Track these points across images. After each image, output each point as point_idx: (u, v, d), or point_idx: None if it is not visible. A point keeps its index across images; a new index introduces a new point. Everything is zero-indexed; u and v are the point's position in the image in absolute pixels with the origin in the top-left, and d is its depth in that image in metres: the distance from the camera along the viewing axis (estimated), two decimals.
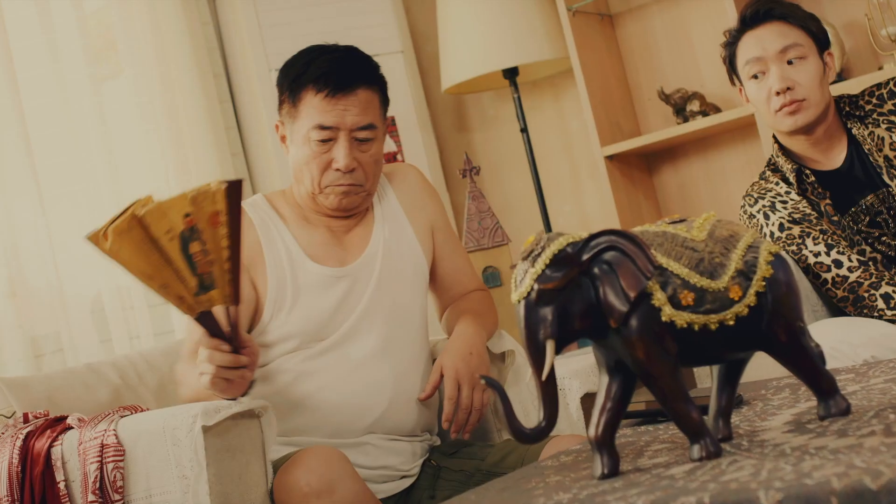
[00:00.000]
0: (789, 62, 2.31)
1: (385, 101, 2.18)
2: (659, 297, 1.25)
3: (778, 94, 2.31)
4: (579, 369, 2.71)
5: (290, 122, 2.13)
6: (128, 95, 3.36)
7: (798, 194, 2.35)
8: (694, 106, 3.47)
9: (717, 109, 3.45)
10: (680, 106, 3.49)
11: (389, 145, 3.70)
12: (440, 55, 3.67)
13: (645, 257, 1.25)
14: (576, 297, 1.25)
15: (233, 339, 1.76)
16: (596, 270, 1.25)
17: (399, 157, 3.70)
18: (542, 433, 1.26)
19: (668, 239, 1.29)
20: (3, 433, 2.00)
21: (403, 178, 2.28)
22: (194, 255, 1.62)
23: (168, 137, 3.35)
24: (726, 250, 1.29)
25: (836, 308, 2.33)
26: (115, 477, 1.82)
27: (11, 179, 3.00)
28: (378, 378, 2.09)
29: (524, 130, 3.63)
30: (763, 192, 2.40)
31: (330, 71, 2.09)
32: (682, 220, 1.33)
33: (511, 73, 3.60)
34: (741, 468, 1.15)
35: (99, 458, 1.83)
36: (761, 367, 1.88)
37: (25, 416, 2.03)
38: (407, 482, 2.11)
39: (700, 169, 3.63)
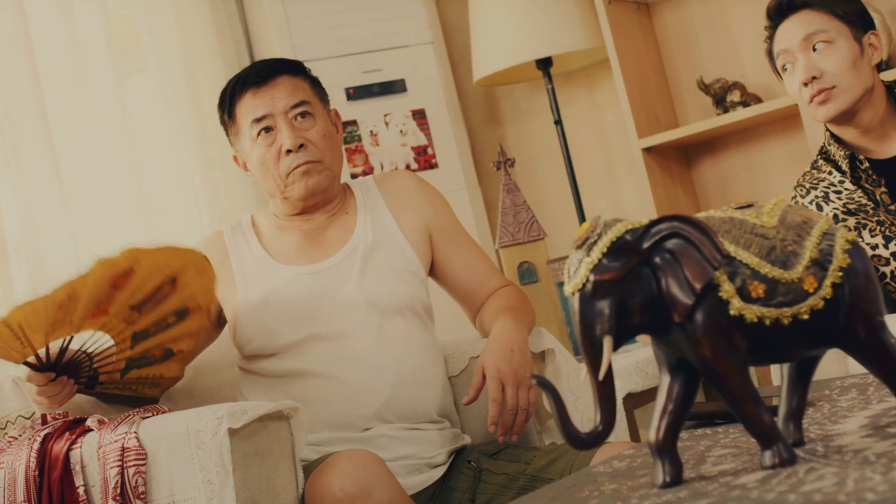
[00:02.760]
0: (815, 49, 2.20)
1: (317, 90, 2.23)
2: (727, 289, 1.14)
3: (805, 84, 2.20)
4: (621, 368, 2.59)
5: (236, 139, 2.22)
6: (151, 89, 3.29)
7: (852, 183, 2.23)
8: (734, 96, 3.35)
9: (759, 100, 3.34)
10: (720, 96, 3.37)
11: (420, 139, 3.60)
12: (472, 45, 3.57)
13: (712, 245, 1.14)
14: (635, 289, 1.14)
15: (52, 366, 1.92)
16: (657, 260, 1.14)
17: (430, 150, 3.61)
18: (598, 438, 1.15)
19: (735, 225, 1.18)
20: (20, 435, 1.91)
21: (392, 182, 2.28)
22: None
23: (192, 131, 3.28)
24: (799, 238, 1.18)
25: (894, 304, 2.21)
26: (136, 482, 1.73)
27: (32, 175, 2.92)
28: (378, 365, 2.05)
29: (558, 123, 3.53)
30: (815, 181, 2.29)
31: (249, 71, 2.20)
32: (749, 205, 1.22)
33: (545, 64, 3.50)
34: (822, 477, 1.04)
35: (120, 462, 1.73)
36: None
37: (44, 417, 1.94)
38: (437, 473, 2.03)
39: (741, 161, 3.51)
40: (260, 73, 2.17)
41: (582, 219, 3.49)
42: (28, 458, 1.81)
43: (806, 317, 1.15)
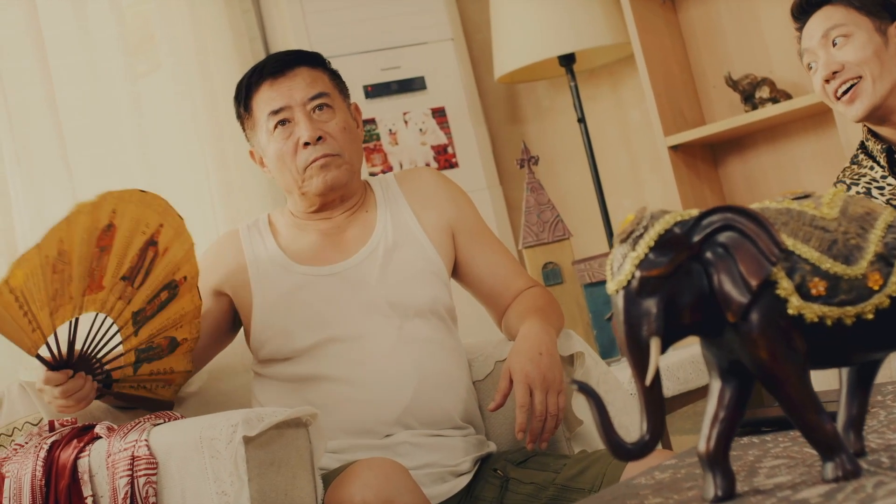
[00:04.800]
0: (834, 44, 2.11)
1: (337, 82, 2.15)
2: (785, 287, 1.04)
3: (827, 80, 2.11)
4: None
5: (252, 133, 2.13)
6: (165, 86, 3.22)
7: (893, 177, 2.14)
8: (763, 92, 3.26)
9: (789, 96, 3.24)
10: (748, 93, 3.28)
11: (440, 137, 3.52)
12: (493, 42, 3.49)
13: (769, 238, 1.04)
14: (685, 286, 1.04)
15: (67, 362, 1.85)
16: (709, 255, 1.05)
17: (450, 149, 3.52)
18: (645, 448, 1.06)
19: (793, 217, 1.09)
20: (27, 442, 1.84)
21: (414, 179, 2.19)
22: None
23: (207, 129, 3.21)
24: (863, 230, 1.08)
25: None
26: (147, 492, 1.64)
27: (43, 173, 2.86)
28: (399, 369, 1.96)
29: (581, 121, 3.44)
30: (857, 177, 2.19)
31: (266, 62, 2.12)
32: (806, 196, 1.13)
33: (568, 61, 3.41)
34: (894, 493, 0.95)
35: (129, 472, 1.65)
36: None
37: (51, 423, 1.86)
38: (462, 482, 1.94)
39: (769, 160, 3.41)
40: (277, 64, 2.09)
41: (606, 219, 3.40)
42: (34, 467, 1.74)
43: (870, 316, 1.06)
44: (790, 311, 1.04)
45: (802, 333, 1.05)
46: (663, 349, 1.05)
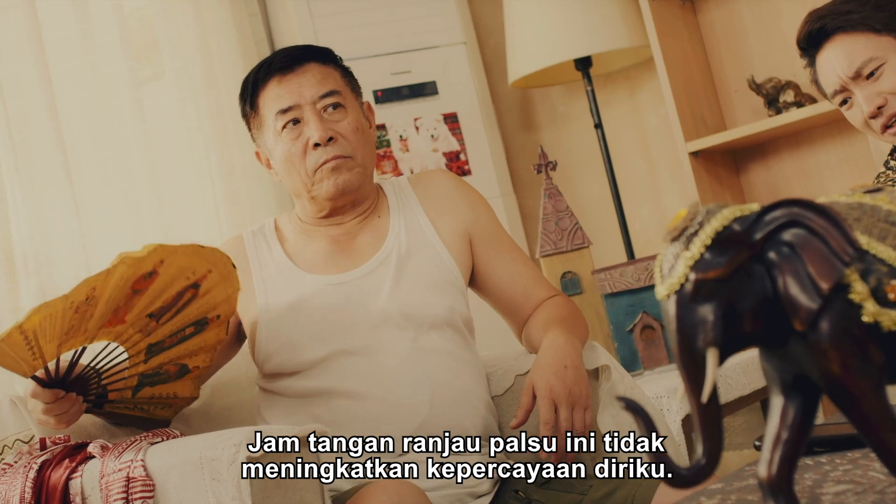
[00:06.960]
0: (869, 77, 1.98)
1: (349, 80, 2.04)
2: (859, 291, 0.92)
3: (874, 116, 1.98)
4: (678, 386, 2.38)
5: (259, 133, 2.04)
6: (169, 91, 3.13)
7: None
8: (788, 96, 3.15)
9: (813, 100, 3.13)
10: (772, 96, 3.17)
11: (452, 144, 3.41)
12: (506, 45, 3.39)
13: (841, 236, 0.92)
14: (745, 290, 0.92)
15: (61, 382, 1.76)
16: (773, 255, 0.93)
17: (462, 156, 3.41)
18: (701, 473, 0.93)
19: (866, 212, 0.97)
20: (16, 462, 1.72)
21: (428, 183, 2.09)
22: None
23: (212, 135, 3.12)
24: None
25: None
26: None
27: (43, 180, 2.76)
28: (413, 384, 1.85)
29: (598, 126, 3.33)
30: (891, 182, 2.09)
31: (275, 57, 2.02)
32: (878, 190, 1.01)
33: (584, 64, 3.31)
34: None
35: (124, 494, 1.55)
36: None
37: (42, 441, 1.75)
38: (483, 502, 1.82)
39: (793, 166, 3.30)
40: (286, 60, 1.98)
41: (624, 227, 3.29)
42: (23, 488, 1.63)
43: None
44: (865, 319, 0.92)
45: (879, 343, 0.93)
46: (721, 361, 0.93)
